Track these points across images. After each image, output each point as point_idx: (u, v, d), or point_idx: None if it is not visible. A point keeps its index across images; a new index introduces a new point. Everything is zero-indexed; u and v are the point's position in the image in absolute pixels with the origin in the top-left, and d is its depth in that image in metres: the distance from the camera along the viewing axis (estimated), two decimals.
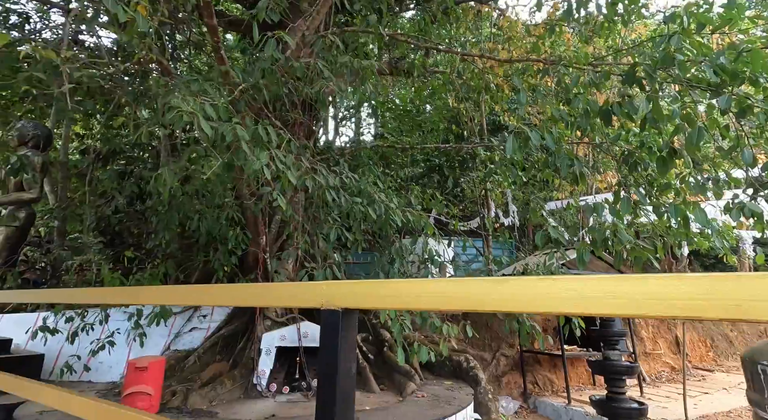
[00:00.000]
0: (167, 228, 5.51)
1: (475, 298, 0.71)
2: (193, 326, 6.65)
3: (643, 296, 0.66)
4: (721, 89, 2.31)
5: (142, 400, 3.83)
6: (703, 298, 0.61)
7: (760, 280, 0.56)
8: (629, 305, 0.67)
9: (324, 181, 3.06)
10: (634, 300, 0.67)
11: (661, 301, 0.65)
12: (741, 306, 0.58)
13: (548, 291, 0.71)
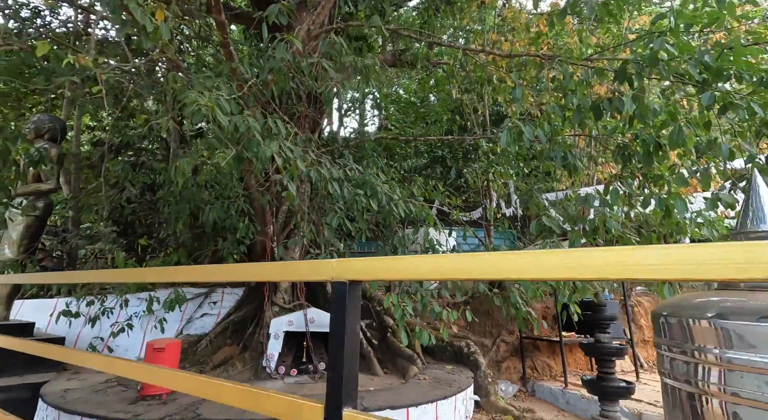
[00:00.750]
0: (179, 218, 5.72)
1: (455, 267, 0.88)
2: (204, 312, 6.92)
3: (604, 263, 0.81)
4: (707, 86, 2.43)
5: None
6: (661, 263, 0.72)
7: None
8: (584, 271, 0.83)
9: (328, 173, 3.23)
10: (591, 267, 0.82)
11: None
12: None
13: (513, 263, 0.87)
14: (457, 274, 0.87)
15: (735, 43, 2.40)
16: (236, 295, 7.01)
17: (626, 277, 0.81)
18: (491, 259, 0.89)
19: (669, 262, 0.69)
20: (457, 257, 0.89)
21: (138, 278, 2.28)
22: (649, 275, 0.75)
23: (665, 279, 0.75)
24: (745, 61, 2.46)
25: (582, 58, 3.54)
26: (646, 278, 0.78)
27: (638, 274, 0.75)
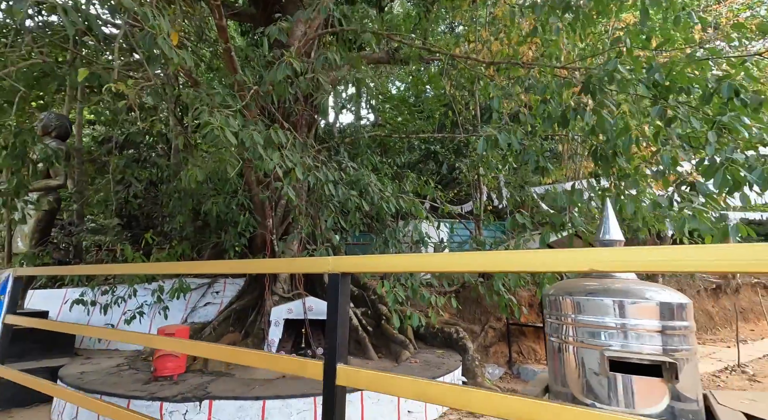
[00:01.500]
0: (182, 212, 6.02)
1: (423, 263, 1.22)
2: (207, 301, 7.27)
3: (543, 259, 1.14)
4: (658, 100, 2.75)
5: (171, 361, 4.44)
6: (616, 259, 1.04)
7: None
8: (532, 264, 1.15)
9: (324, 176, 3.55)
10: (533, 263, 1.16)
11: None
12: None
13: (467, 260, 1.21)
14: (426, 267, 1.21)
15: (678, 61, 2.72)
16: (238, 285, 7.35)
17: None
18: (447, 258, 1.24)
19: (591, 258, 1.00)
20: (424, 256, 1.22)
21: (153, 270, 2.60)
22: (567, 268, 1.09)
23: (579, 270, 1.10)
24: (692, 77, 2.78)
25: (571, 59, 3.83)
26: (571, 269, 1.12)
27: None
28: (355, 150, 6.51)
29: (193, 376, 4.91)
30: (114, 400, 4.06)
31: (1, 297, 2.93)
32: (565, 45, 5.92)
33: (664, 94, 2.76)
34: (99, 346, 6.53)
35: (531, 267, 1.05)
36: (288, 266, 1.71)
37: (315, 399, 4.26)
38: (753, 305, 15.39)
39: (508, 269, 1.10)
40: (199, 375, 5.00)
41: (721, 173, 2.42)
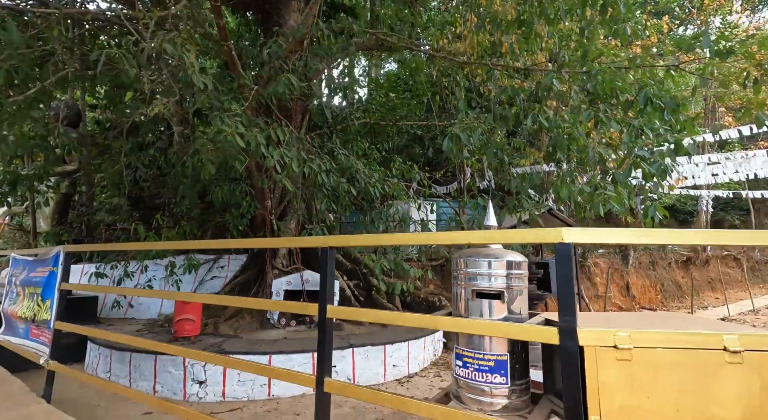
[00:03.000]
0: (188, 195, 6.62)
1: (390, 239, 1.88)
2: (213, 275, 7.97)
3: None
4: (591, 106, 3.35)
5: (189, 323, 5.17)
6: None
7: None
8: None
9: (317, 167, 4.15)
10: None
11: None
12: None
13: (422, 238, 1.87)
14: (386, 242, 1.86)
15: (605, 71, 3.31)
16: (241, 260, 8.04)
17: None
18: (401, 237, 1.90)
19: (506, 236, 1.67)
20: (388, 236, 1.87)
21: (173, 247, 3.22)
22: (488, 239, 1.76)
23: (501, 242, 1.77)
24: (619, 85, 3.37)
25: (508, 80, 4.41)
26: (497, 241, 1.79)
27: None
28: (347, 136, 7.06)
29: (207, 337, 5.66)
30: (143, 356, 4.81)
31: (54, 269, 3.59)
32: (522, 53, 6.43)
33: (599, 99, 3.36)
34: (118, 314, 7.25)
35: (450, 241, 1.72)
36: (287, 243, 2.35)
37: (313, 354, 5.01)
38: (721, 276, 16.44)
39: (433, 242, 1.77)
40: (212, 337, 5.75)
41: (628, 167, 3.07)
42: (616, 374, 1.25)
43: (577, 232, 1.36)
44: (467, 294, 1.56)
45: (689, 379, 1.24)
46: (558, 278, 1.34)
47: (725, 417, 1.22)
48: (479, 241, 1.55)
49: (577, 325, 1.29)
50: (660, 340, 1.27)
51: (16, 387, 3.40)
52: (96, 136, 9.93)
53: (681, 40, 3.48)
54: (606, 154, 3.54)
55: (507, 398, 1.46)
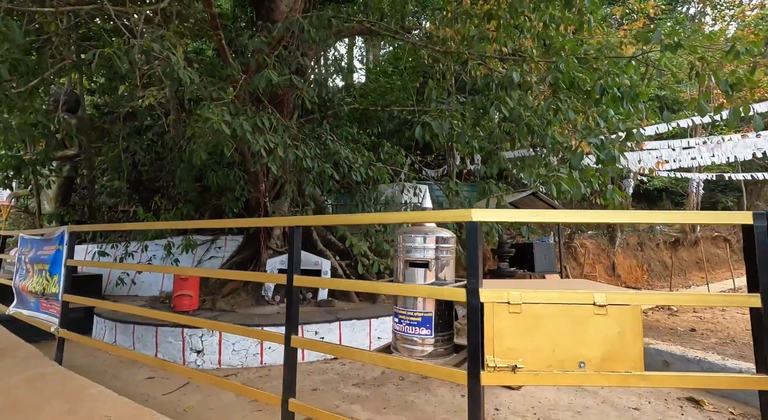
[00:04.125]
0: (186, 179, 6.92)
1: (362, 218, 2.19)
2: (211, 255, 8.34)
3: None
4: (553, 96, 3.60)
5: (187, 299, 5.56)
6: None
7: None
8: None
9: (302, 153, 4.42)
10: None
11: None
12: None
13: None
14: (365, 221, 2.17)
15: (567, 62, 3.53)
16: (237, 241, 8.40)
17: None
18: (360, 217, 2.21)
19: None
20: (347, 216, 2.17)
21: (174, 227, 3.55)
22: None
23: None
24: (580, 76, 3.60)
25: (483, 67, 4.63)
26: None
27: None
28: (337, 122, 7.30)
29: (205, 312, 6.06)
30: (145, 328, 5.21)
31: (60, 247, 3.93)
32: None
33: (560, 90, 3.60)
34: (121, 292, 7.67)
35: (398, 220, 2.04)
36: (265, 223, 2.65)
37: (302, 327, 5.40)
38: (710, 256, 16.82)
39: (384, 221, 2.09)
40: (209, 311, 6.15)
41: (579, 153, 3.35)
42: (507, 323, 1.59)
43: (483, 212, 1.67)
44: (404, 264, 1.88)
45: (565, 326, 1.58)
46: (469, 249, 1.66)
47: (590, 354, 1.56)
48: (403, 220, 1.88)
49: (479, 286, 1.62)
50: (544, 298, 1.60)
51: (31, 352, 3.80)
52: (95, 120, 10.17)
53: (639, 34, 3.65)
54: (563, 142, 3.80)
55: (432, 346, 1.80)
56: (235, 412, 3.72)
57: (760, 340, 1.56)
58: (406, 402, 4.04)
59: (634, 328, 1.57)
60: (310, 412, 2.03)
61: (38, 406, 2.73)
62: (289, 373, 2.08)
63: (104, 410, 2.64)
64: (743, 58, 2.92)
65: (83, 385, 3.09)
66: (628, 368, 1.55)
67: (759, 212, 1.62)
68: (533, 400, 4.10)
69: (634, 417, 3.73)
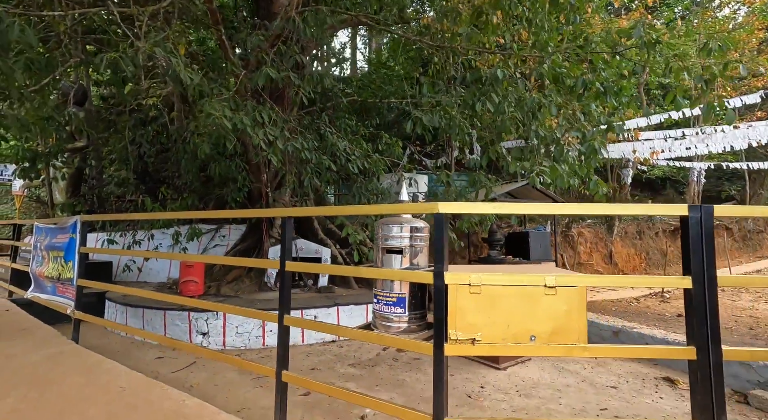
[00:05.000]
0: (190, 170, 7.16)
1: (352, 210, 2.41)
2: (215, 243, 8.64)
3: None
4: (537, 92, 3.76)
5: (192, 285, 5.85)
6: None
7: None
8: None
9: (300, 145, 4.63)
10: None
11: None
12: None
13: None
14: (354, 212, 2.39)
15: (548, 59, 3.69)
16: (240, 230, 8.68)
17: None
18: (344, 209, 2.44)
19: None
20: (335, 207, 2.39)
21: (184, 216, 3.80)
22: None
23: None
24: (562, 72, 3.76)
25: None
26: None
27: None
28: (336, 113, 7.47)
29: (210, 297, 6.36)
30: (154, 312, 5.52)
31: (73, 235, 4.20)
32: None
33: (545, 86, 3.76)
34: (131, 278, 8.00)
35: (372, 212, 2.26)
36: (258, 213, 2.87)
37: (302, 311, 5.69)
38: None
39: (359, 213, 2.31)
40: (214, 297, 6.46)
41: (561, 146, 3.52)
42: (468, 302, 1.81)
43: (450, 204, 1.88)
44: (381, 251, 2.11)
45: (519, 305, 1.80)
46: (436, 238, 1.88)
47: (540, 329, 1.79)
48: (376, 212, 2.10)
49: (444, 270, 1.84)
50: (501, 280, 1.82)
51: (50, 332, 4.10)
52: (102, 112, 10.41)
53: (621, 30, 3.76)
54: (547, 135, 3.97)
55: (407, 323, 2.03)
56: (237, 388, 4.02)
57: (691, 317, 1.78)
58: (398, 380, 4.32)
59: (579, 307, 1.79)
60: (301, 382, 2.28)
61: (60, 379, 3.02)
62: (282, 348, 2.33)
63: (119, 382, 2.92)
64: (715, 55, 3.06)
65: (99, 361, 3.38)
66: (573, 341, 1.78)
67: (693, 205, 1.82)
68: (517, 379, 4.36)
69: (611, 394, 3.98)
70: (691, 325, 1.77)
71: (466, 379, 4.33)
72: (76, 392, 2.79)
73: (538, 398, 3.86)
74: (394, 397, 3.88)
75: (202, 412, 2.50)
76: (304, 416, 3.42)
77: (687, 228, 1.79)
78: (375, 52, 12.11)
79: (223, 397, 3.79)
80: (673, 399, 3.91)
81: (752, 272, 14.23)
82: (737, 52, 13.90)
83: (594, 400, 3.83)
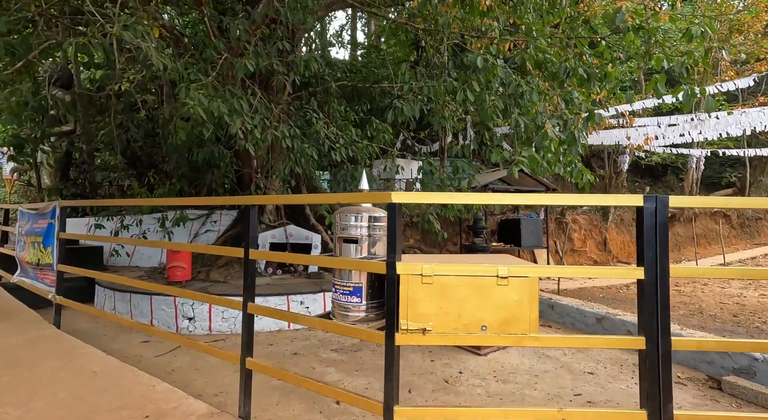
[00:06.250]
0: (176, 155, 7.11)
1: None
2: (207, 229, 8.65)
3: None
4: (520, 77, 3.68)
5: (180, 270, 5.88)
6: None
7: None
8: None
9: (280, 133, 4.57)
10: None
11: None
12: None
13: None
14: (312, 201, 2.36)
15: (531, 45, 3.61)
16: (232, 215, 8.68)
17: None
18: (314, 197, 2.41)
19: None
20: (292, 195, 2.37)
21: (169, 203, 3.78)
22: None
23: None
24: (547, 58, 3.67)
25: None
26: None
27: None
28: (325, 99, 7.36)
29: (198, 282, 6.41)
30: (141, 296, 5.56)
31: (52, 221, 4.20)
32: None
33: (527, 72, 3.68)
34: (122, 263, 8.05)
35: (327, 201, 2.24)
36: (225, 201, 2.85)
37: (288, 297, 5.73)
38: (707, 232, 16.89)
39: (316, 202, 2.29)
40: (202, 282, 6.50)
41: (541, 134, 3.47)
42: (420, 292, 1.80)
43: (403, 194, 1.86)
44: (339, 241, 2.10)
45: (471, 295, 1.79)
46: (389, 228, 1.86)
47: (491, 319, 1.79)
48: (331, 201, 2.08)
49: (397, 260, 1.83)
50: (454, 270, 1.81)
51: (33, 317, 4.14)
52: (92, 95, 10.28)
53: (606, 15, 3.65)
54: (529, 123, 3.91)
55: (364, 313, 2.04)
56: (218, 372, 4.07)
57: (642, 308, 1.77)
58: (378, 365, 4.37)
59: (531, 297, 1.78)
60: (264, 369, 2.30)
61: (35, 362, 3.06)
62: (247, 335, 2.34)
63: (92, 367, 2.96)
64: (697, 40, 2.98)
65: (76, 345, 3.42)
66: (524, 331, 1.78)
67: (649, 195, 1.80)
68: (497, 364, 4.41)
69: (587, 380, 4.02)
70: (643, 314, 1.76)
71: (445, 365, 4.37)
72: (49, 375, 2.83)
73: (514, 384, 3.91)
74: (372, 382, 3.93)
75: (169, 397, 2.54)
76: (280, 400, 3.47)
77: (642, 218, 1.76)
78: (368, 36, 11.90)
79: (202, 382, 3.84)
80: None
81: (746, 259, 14.26)
82: (741, 35, 13.60)
83: (569, 386, 3.87)
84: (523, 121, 3.79)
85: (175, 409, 2.35)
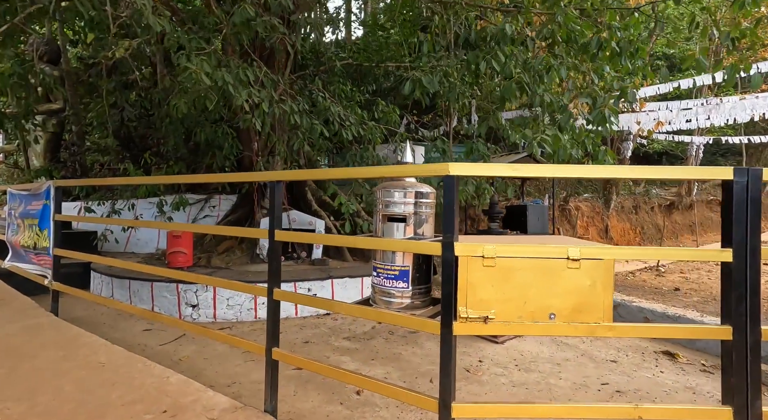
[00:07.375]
0: (175, 136, 6.79)
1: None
2: (205, 214, 8.36)
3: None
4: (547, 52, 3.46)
5: (182, 256, 5.63)
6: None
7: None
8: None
9: (289, 108, 4.29)
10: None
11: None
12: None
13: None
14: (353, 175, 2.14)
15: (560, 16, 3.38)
16: (231, 200, 8.39)
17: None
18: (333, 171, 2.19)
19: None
20: (337, 169, 2.14)
21: (150, 181, 3.52)
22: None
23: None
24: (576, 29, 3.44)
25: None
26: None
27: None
28: (330, 78, 7.05)
29: (200, 268, 6.16)
30: (141, 283, 5.32)
31: (47, 202, 3.91)
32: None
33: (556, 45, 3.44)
34: (117, 248, 7.75)
35: (376, 174, 2.02)
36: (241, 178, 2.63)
37: (295, 284, 5.52)
38: (704, 219, 16.98)
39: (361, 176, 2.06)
40: (204, 268, 6.26)
41: (567, 114, 3.27)
42: (481, 276, 1.61)
43: (462, 166, 1.65)
44: (382, 218, 1.88)
45: (537, 279, 1.60)
46: (445, 204, 1.65)
47: (560, 306, 1.60)
48: (380, 174, 1.86)
49: (455, 240, 1.63)
50: (519, 252, 1.61)
51: (28, 303, 3.89)
52: (80, 73, 9.79)
53: None
54: (554, 101, 3.70)
55: (410, 299, 1.84)
56: (227, 361, 3.88)
57: (728, 294, 1.59)
58: (394, 354, 4.21)
59: (605, 281, 1.60)
60: (294, 360, 2.11)
61: (35, 352, 2.83)
62: (272, 324, 2.14)
63: (98, 357, 2.74)
64: (749, 8, 2.76)
65: (78, 334, 3.19)
66: (597, 319, 1.59)
67: (739, 168, 1.61)
68: (516, 352, 4.28)
69: (611, 368, 3.91)
70: (729, 302, 1.58)
71: (463, 353, 4.23)
72: (51, 367, 2.60)
73: (537, 372, 3.78)
74: (390, 372, 3.77)
75: (186, 389, 2.33)
76: (297, 391, 3.29)
77: (731, 194, 1.57)
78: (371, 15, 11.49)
79: (213, 371, 3.65)
80: (674, 373, 3.85)
81: None
82: None
83: (594, 375, 3.76)
84: (549, 97, 3.58)
85: (194, 403, 2.15)
